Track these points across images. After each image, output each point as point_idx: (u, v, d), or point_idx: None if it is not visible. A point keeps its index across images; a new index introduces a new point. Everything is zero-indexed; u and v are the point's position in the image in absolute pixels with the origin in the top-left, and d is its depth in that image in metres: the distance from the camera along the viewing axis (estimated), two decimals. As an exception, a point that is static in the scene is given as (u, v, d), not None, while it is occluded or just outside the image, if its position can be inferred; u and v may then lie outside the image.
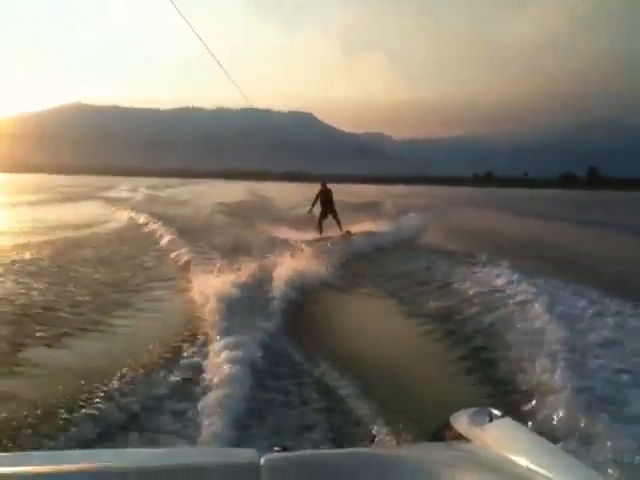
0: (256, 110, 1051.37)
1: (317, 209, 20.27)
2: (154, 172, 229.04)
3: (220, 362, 5.95)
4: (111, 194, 50.76)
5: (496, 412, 1.91)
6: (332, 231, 19.61)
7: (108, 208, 32.56)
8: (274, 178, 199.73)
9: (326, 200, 19.88)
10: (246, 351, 6.27)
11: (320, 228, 19.65)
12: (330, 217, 20.03)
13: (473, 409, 2.01)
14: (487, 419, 1.86)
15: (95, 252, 15.16)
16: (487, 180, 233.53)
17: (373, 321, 9.34)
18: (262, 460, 1.49)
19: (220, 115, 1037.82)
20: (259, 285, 10.37)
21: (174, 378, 5.83)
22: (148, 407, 5.17)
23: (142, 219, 24.02)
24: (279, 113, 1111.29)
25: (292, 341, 7.40)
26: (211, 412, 4.84)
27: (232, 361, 5.90)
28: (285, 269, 11.43)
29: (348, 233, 19.29)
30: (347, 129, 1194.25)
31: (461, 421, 2.00)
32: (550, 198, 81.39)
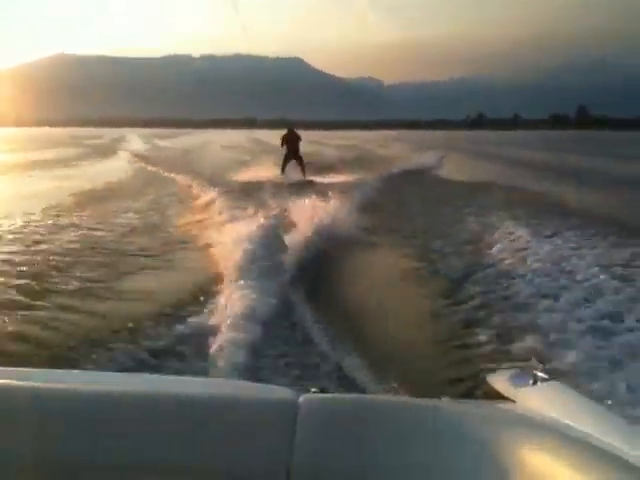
0: (244, 56, 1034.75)
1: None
2: (148, 122, 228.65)
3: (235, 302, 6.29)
4: (128, 146, 51.10)
5: (542, 374, 1.74)
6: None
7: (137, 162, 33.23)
8: (264, 126, 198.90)
9: (292, 143, 21.26)
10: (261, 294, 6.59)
11: (283, 169, 21.22)
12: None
13: (514, 370, 1.88)
14: (531, 381, 1.70)
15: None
16: (479, 123, 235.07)
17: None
18: (300, 399, 1.44)
19: (209, 62, 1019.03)
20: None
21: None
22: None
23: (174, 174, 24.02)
24: (267, 58, 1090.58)
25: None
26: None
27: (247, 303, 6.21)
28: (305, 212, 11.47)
29: (310, 182, 19.80)
30: (338, 74, 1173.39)
31: (500, 381, 1.86)
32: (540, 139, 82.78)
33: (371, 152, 43.43)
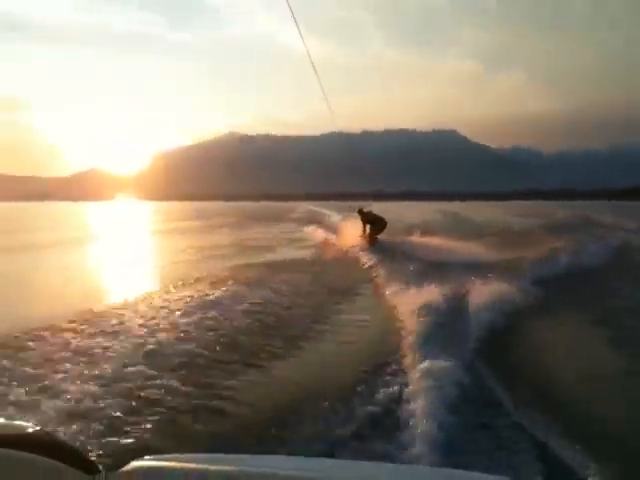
0: (401, 131, 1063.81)
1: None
2: (313, 196, 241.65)
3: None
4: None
5: None
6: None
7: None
8: (422, 197, 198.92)
9: (378, 224, 22.76)
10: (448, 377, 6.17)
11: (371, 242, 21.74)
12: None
13: None
14: None
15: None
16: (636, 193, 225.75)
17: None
18: None
19: (366, 138, 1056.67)
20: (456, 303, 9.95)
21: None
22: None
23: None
24: (423, 132, 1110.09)
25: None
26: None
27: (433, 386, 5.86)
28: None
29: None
30: (493, 144, 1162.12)
31: None
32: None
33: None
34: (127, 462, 1.30)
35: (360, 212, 23.27)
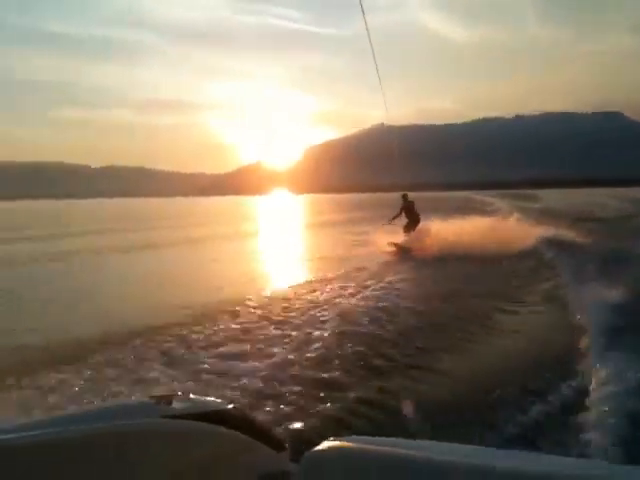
0: (560, 114, 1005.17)
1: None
2: (469, 185, 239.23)
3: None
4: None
5: None
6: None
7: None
8: (585, 184, 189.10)
9: (413, 215, 20.17)
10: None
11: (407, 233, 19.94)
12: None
13: None
14: None
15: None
16: None
17: None
18: None
19: (519, 122, 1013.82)
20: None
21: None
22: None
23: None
24: (584, 115, 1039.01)
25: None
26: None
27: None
28: None
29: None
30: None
31: None
32: None
33: None
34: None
35: (404, 198, 20.15)
